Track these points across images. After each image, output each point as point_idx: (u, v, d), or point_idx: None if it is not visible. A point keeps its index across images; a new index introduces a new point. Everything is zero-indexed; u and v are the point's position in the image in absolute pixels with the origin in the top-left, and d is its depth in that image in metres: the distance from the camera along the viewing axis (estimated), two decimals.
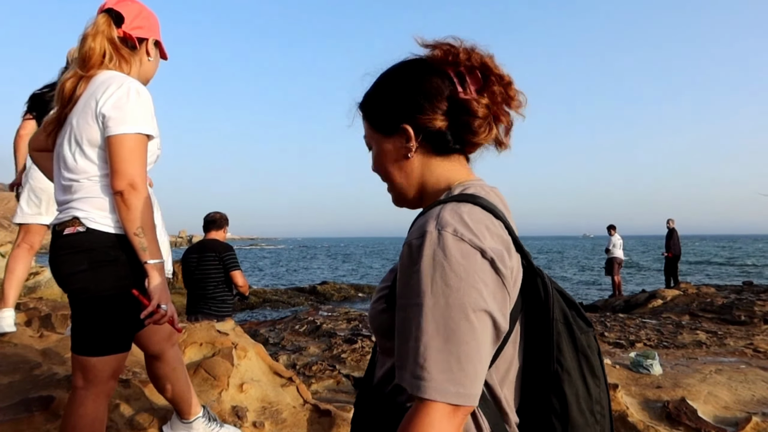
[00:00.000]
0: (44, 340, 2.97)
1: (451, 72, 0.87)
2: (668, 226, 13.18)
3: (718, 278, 23.89)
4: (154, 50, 1.74)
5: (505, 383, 0.84)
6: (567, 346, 0.82)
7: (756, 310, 8.78)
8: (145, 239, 1.51)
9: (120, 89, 1.53)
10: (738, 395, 4.21)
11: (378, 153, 0.93)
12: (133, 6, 1.65)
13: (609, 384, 3.49)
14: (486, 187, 0.89)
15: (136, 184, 1.50)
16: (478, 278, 0.73)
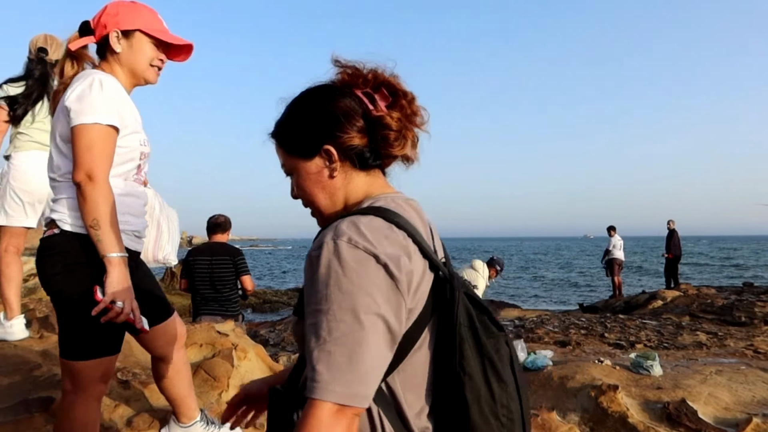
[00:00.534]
0: (44, 341, 2.97)
1: (359, 93, 0.91)
2: (669, 227, 13.17)
3: (718, 279, 23.88)
4: (120, 41, 1.61)
5: (411, 388, 0.85)
6: (470, 351, 0.83)
7: (756, 311, 8.78)
8: (100, 232, 1.46)
9: (84, 82, 1.52)
10: (738, 396, 4.21)
11: (301, 178, 0.94)
12: (100, 9, 1.64)
13: (609, 385, 3.47)
14: (399, 199, 0.92)
15: (93, 176, 1.46)
16: (371, 283, 0.76)
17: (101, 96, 1.51)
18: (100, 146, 1.49)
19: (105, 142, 1.50)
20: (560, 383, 4.70)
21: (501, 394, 0.86)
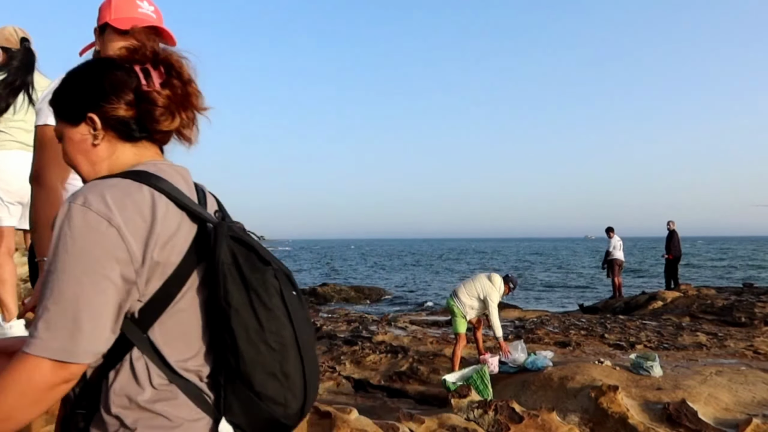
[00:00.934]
0: None
1: (137, 68, 0.96)
2: (669, 228, 13.17)
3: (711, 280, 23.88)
4: (98, 40, 1.53)
5: (178, 337, 0.90)
6: (234, 286, 0.88)
7: (756, 312, 8.77)
8: (35, 235, 1.44)
9: (54, 82, 1.46)
10: (738, 397, 4.21)
11: (66, 143, 0.99)
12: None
13: (610, 386, 3.46)
14: (162, 164, 0.96)
15: (39, 178, 1.43)
16: (99, 245, 0.81)
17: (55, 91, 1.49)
18: (50, 149, 1.41)
19: (57, 145, 1.51)
20: (560, 384, 4.70)
21: (269, 322, 0.90)
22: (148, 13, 1.46)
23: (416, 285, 26.32)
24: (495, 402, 3.70)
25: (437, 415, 3.43)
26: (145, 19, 1.44)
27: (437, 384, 5.60)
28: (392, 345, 7.35)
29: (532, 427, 3.46)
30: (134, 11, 1.45)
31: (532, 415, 3.54)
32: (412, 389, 5.77)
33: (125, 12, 1.44)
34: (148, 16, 1.45)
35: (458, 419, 3.41)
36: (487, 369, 5.16)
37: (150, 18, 1.46)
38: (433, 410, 4.18)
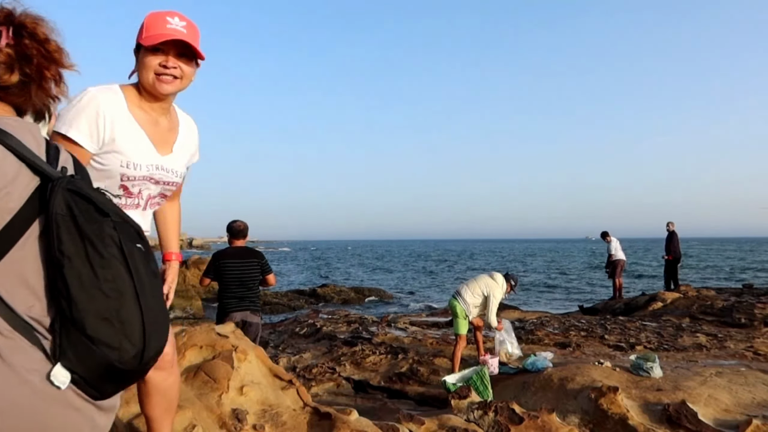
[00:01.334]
0: None
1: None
2: (668, 229, 13.17)
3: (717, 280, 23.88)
4: (136, 58, 1.58)
5: (19, 285, 0.94)
6: (68, 236, 0.93)
7: (756, 313, 8.77)
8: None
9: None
10: (738, 398, 4.21)
11: None
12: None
13: (610, 387, 3.45)
14: (9, 120, 1.00)
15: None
16: None
17: (74, 107, 1.50)
18: None
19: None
20: (560, 385, 4.70)
21: (104, 270, 0.94)
22: (177, 29, 1.51)
23: (416, 286, 26.32)
24: (495, 403, 3.69)
25: (437, 416, 3.43)
26: (173, 34, 1.50)
27: (437, 385, 5.60)
28: (392, 346, 7.34)
29: (532, 428, 3.46)
30: (163, 28, 1.51)
31: (532, 416, 3.54)
32: (412, 390, 5.76)
33: (155, 30, 1.51)
34: (177, 32, 1.51)
35: (458, 420, 3.41)
36: (487, 370, 5.16)
37: (179, 33, 1.51)
38: (433, 411, 4.18)
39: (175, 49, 1.52)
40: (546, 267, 39.93)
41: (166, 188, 1.71)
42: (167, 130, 1.67)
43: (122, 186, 1.60)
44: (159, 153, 1.63)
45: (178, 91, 1.60)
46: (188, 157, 1.78)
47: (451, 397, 3.89)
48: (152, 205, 1.73)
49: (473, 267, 40.54)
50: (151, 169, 1.61)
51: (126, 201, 1.64)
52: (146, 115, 1.61)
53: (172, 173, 1.68)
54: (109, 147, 1.53)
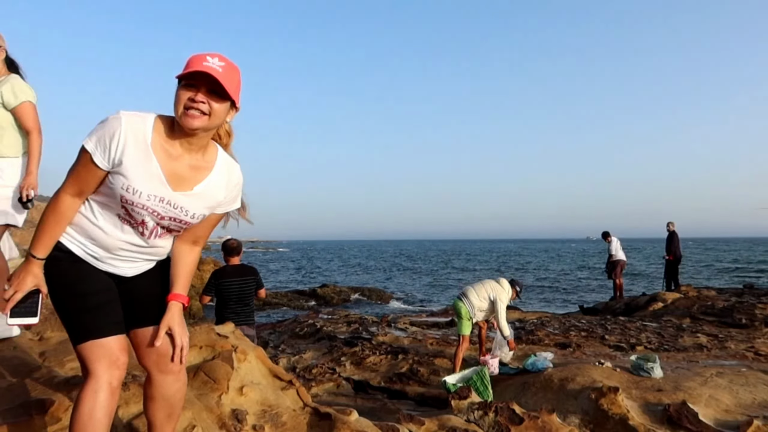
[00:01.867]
0: (44, 343, 2.97)
1: None
2: (668, 229, 13.16)
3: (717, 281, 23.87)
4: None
5: None
6: None
7: (757, 313, 8.76)
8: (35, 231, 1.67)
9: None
10: (739, 398, 4.20)
11: None
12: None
13: (610, 387, 3.45)
14: None
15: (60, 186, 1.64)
16: None
17: (100, 124, 1.58)
18: (74, 163, 1.60)
19: (77, 160, 1.60)
20: (560, 385, 4.69)
21: None
22: (213, 67, 1.52)
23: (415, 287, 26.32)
24: (495, 403, 3.69)
25: (437, 416, 3.42)
26: (204, 69, 1.51)
27: (437, 385, 5.59)
28: (392, 346, 7.34)
29: (533, 429, 3.45)
30: (200, 64, 1.52)
31: (533, 416, 3.53)
32: (412, 390, 5.76)
33: (192, 66, 1.53)
34: (211, 68, 1.51)
35: (458, 421, 3.41)
36: (487, 370, 5.15)
37: (212, 70, 1.51)
38: (433, 412, 4.17)
39: (206, 85, 1.53)
40: (535, 267, 39.90)
41: (176, 225, 1.69)
42: (190, 167, 1.64)
43: (123, 208, 1.62)
44: (170, 187, 1.61)
45: (207, 128, 1.58)
46: (213, 202, 1.72)
47: (451, 398, 3.89)
48: (163, 236, 1.72)
49: (472, 268, 40.54)
50: (153, 200, 1.60)
51: (130, 223, 1.67)
52: (169, 148, 1.61)
53: (182, 212, 1.66)
54: (117, 168, 1.56)
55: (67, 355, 2.71)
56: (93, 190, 1.63)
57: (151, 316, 1.74)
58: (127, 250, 1.70)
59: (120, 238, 1.67)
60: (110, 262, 1.70)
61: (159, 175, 1.59)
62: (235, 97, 1.58)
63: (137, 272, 1.76)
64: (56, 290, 1.66)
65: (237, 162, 1.77)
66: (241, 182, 1.77)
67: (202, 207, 1.69)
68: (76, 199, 1.63)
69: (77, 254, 1.67)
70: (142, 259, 1.74)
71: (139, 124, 1.57)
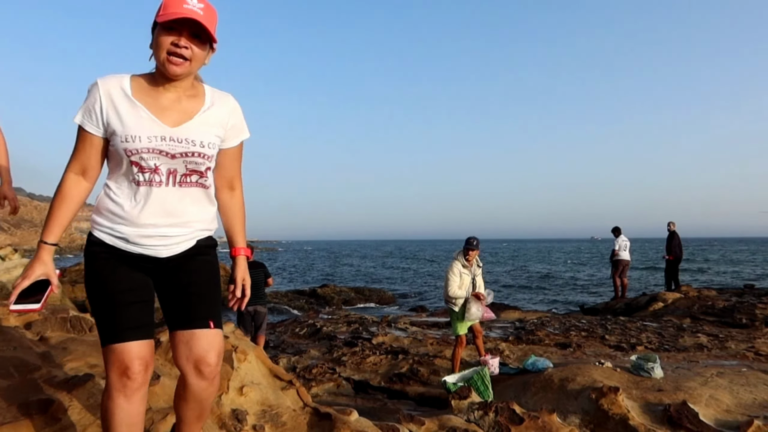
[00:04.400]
0: (44, 344, 2.97)
1: None
2: (669, 229, 13.16)
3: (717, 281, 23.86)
4: (152, 39, 1.58)
5: None
6: None
7: (757, 313, 8.77)
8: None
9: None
10: (739, 398, 4.20)
11: None
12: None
13: (610, 387, 3.44)
14: None
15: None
16: None
17: (85, 99, 1.57)
18: (75, 142, 1.59)
19: (76, 138, 1.59)
20: (561, 385, 4.69)
21: None
22: (194, 9, 1.49)
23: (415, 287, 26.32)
24: (495, 403, 3.69)
25: (437, 416, 3.42)
26: (187, 13, 1.47)
27: (437, 385, 5.59)
28: (392, 346, 7.34)
29: (533, 429, 3.45)
30: (180, 7, 1.48)
31: (533, 416, 3.53)
32: (413, 391, 5.75)
33: (171, 8, 1.48)
34: (192, 11, 1.48)
35: (458, 421, 3.40)
36: (487, 370, 5.15)
37: (194, 13, 1.48)
38: (433, 412, 4.17)
39: (188, 29, 1.51)
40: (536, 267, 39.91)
41: (190, 161, 1.60)
42: (179, 103, 1.60)
43: (133, 163, 1.56)
44: (165, 124, 1.56)
45: (188, 74, 1.57)
46: (220, 128, 1.66)
47: (451, 398, 3.89)
48: (184, 183, 1.62)
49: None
50: (154, 140, 1.54)
51: (145, 177, 1.57)
52: (153, 93, 1.58)
53: (188, 143, 1.58)
54: (110, 128, 1.54)
55: (67, 355, 2.71)
56: (98, 165, 1.60)
57: (191, 315, 1.66)
58: (154, 217, 1.59)
59: (143, 206, 1.59)
60: (141, 241, 1.61)
61: (150, 118, 1.55)
62: (215, 40, 1.57)
63: (174, 252, 1.66)
64: (89, 288, 1.62)
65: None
66: (239, 107, 1.73)
67: (210, 134, 1.63)
68: (80, 177, 1.60)
69: (108, 243, 1.61)
70: (173, 231, 1.63)
71: (116, 81, 1.56)
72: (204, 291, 1.70)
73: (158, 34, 1.51)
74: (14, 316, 2.94)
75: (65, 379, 2.37)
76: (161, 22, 1.49)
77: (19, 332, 3.05)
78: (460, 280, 5.75)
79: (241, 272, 1.81)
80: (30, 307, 1.54)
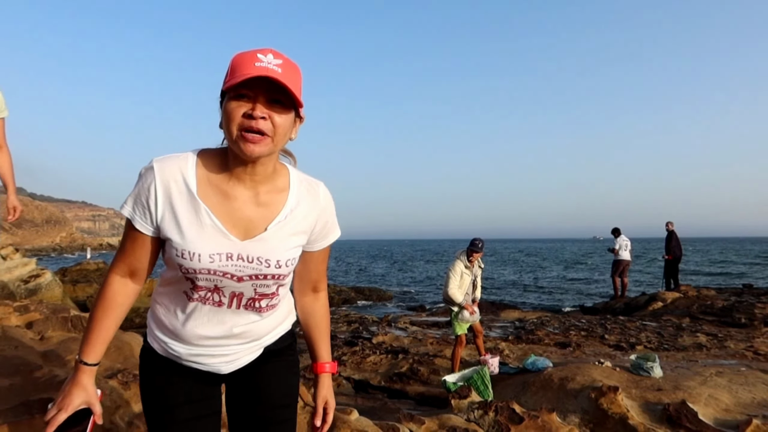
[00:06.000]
0: (45, 343, 2.98)
1: None
2: (667, 229, 13.18)
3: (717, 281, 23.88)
4: (220, 113, 1.21)
5: None
6: None
7: (756, 313, 8.78)
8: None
9: None
10: (738, 398, 4.21)
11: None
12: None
13: (610, 386, 3.45)
14: None
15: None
16: None
17: (136, 183, 1.23)
18: (123, 237, 1.29)
19: (124, 233, 1.28)
20: (560, 385, 4.70)
21: None
22: (270, 67, 1.12)
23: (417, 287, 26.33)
24: (495, 403, 3.70)
25: (437, 415, 3.43)
26: (259, 72, 1.11)
27: (437, 385, 5.60)
28: (392, 346, 7.35)
29: (533, 428, 3.46)
30: (250, 67, 1.12)
31: (533, 416, 3.54)
32: (413, 390, 5.77)
33: (240, 70, 1.13)
34: (268, 70, 1.12)
35: (458, 420, 3.41)
36: (487, 370, 5.16)
37: (269, 71, 1.12)
38: (433, 411, 4.18)
39: (264, 94, 1.13)
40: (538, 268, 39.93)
41: (261, 284, 1.25)
42: (257, 204, 1.23)
43: (188, 280, 1.24)
44: (234, 236, 1.20)
45: (270, 152, 1.18)
46: (303, 236, 1.29)
47: (451, 397, 3.89)
48: (249, 307, 1.29)
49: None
50: (217, 260, 1.19)
51: (201, 295, 1.25)
52: (223, 187, 1.22)
53: (261, 263, 1.22)
54: (164, 233, 1.21)
55: (68, 355, 2.72)
56: (149, 266, 1.29)
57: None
58: (208, 337, 1.29)
59: (196, 326, 1.28)
60: (194, 359, 1.31)
61: (215, 226, 1.19)
62: (300, 105, 1.19)
63: (238, 366, 1.35)
64: (142, 396, 1.37)
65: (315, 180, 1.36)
66: (331, 203, 1.35)
67: (288, 248, 1.26)
68: (127, 280, 1.28)
69: (162, 354, 1.33)
70: (233, 349, 1.32)
71: (177, 168, 1.20)
72: (277, 411, 1.44)
73: (227, 107, 1.15)
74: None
75: (66, 378, 2.38)
76: (229, 89, 1.14)
77: (21, 332, 3.06)
78: (460, 280, 5.77)
79: (324, 393, 1.49)
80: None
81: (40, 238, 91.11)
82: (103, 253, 55.99)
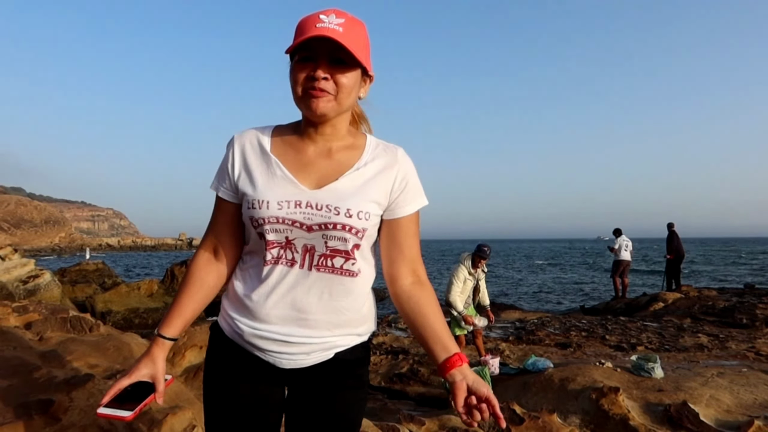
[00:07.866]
0: (44, 344, 2.97)
1: None
2: (669, 229, 13.20)
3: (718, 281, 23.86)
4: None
5: None
6: None
7: (758, 313, 8.77)
8: None
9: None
10: (740, 399, 4.20)
11: None
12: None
13: (611, 387, 3.44)
14: None
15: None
16: None
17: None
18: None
19: (214, 208, 1.32)
20: (561, 385, 4.69)
21: None
22: (330, 27, 1.13)
23: None
24: None
25: (438, 416, 3.42)
26: (318, 32, 1.12)
27: (438, 385, 5.59)
28: (392, 346, 7.34)
29: (533, 429, 3.45)
30: (311, 29, 1.13)
31: (533, 416, 3.53)
32: (413, 391, 5.76)
33: (303, 32, 1.14)
34: (328, 30, 1.12)
35: (459, 421, 3.41)
36: (487, 370, 5.15)
37: (330, 31, 1.12)
38: (433, 412, 4.17)
39: (326, 55, 1.14)
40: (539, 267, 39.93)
41: (332, 235, 1.18)
42: (327, 156, 1.23)
43: (261, 236, 1.21)
44: (303, 185, 1.20)
45: (338, 112, 1.19)
46: (379, 192, 1.22)
47: (451, 398, 3.89)
48: (322, 267, 1.21)
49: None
50: (285, 207, 1.17)
51: (274, 254, 1.21)
52: (292, 143, 1.25)
53: (330, 211, 1.17)
54: (240, 191, 1.24)
55: (67, 355, 2.71)
56: (233, 243, 1.29)
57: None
58: (277, 309, 1.21)
59: (268, 294, 1.21)
60: (255, 341, 1.23)
61: (285, 176, 1.20)
62: (365, 63, 1.17)
63: (298, 365, 1.24)
64: (204, 386, 1.35)
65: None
66: (411, 164, 1.30)
67: (361, 199, 1.19)
68: (211, 257, 1.30)
69: (227, 334, 1.28)
70: (297, 333, 1.21)
71: (253, 134, 1.27)
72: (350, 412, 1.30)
73: (292, 69, 1.17)
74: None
75: (65, 379, 2.37)
76: (291, 52, 1.17)
77: (20, 332, 3.06)
78: (463, 285, 5.77)
79: (471, 380, 1.28)
80: (120, 414, 1.17)
81: (38, 238, 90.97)
82: (102, 254, 55.94)
